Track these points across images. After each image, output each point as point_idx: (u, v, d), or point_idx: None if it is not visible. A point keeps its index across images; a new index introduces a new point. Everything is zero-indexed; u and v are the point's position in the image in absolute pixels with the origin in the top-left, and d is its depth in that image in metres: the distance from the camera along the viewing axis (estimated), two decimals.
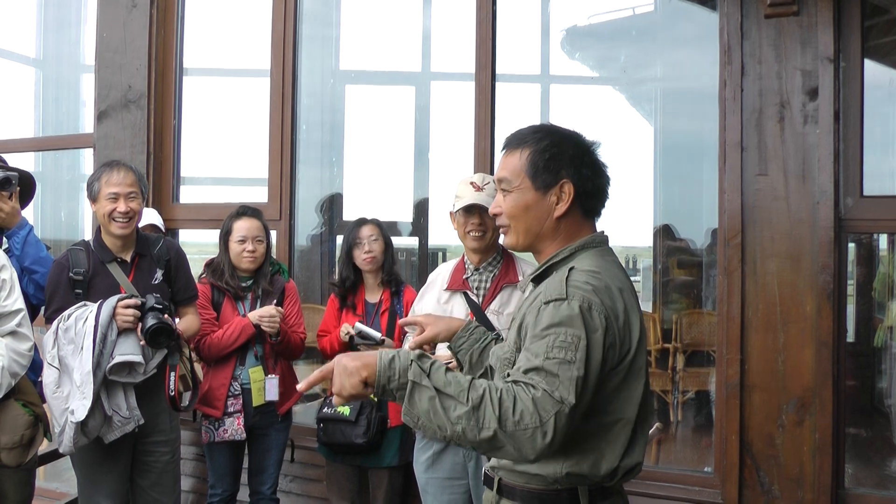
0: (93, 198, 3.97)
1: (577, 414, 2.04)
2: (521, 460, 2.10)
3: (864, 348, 6.26)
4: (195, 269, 4.36)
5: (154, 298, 3.81)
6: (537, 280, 2.36)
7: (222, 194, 6.36)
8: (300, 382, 2.16)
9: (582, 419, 2.11)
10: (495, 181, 2.43)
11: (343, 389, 2.07)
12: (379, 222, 4.60)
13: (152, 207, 5.38)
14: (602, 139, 2.39)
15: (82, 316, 3.73)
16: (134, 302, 3.76)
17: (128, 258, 4.02)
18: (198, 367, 4.21)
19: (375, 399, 4.28)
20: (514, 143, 2.36)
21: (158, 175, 5.64)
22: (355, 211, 6.45)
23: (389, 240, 4.62)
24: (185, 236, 5.78)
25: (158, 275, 4.04)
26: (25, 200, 4.30)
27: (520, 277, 3.83)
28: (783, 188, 4.03)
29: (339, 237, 6.87)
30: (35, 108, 8.44)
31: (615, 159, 2.43)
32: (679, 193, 7.92)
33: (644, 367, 2.24)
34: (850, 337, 5.29)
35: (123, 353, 3.71)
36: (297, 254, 5.73)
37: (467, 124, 4.99)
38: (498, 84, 4.93)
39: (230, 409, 4.41)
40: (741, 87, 4.12)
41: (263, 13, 5.49)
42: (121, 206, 3.89)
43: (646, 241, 7.85)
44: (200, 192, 6.11)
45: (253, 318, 4.38)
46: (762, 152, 4.08)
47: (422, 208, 6.99)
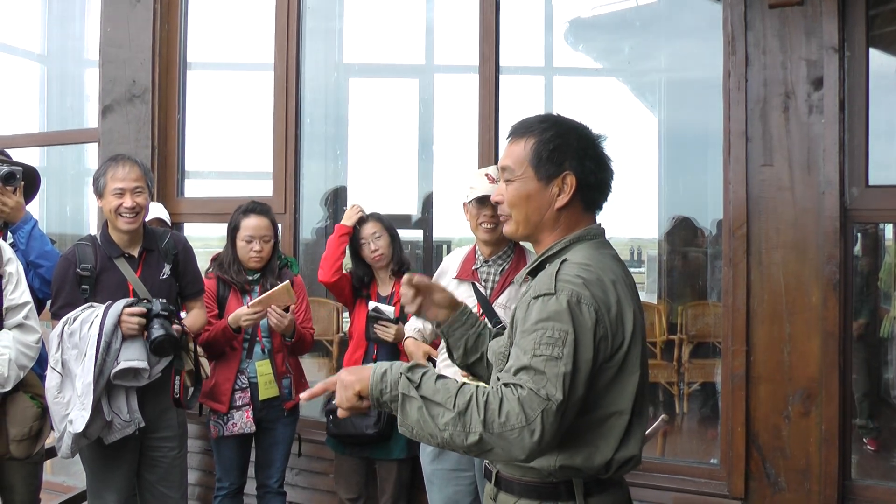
0: (99, 193, 3.96)
1: (570, 410, 2.05)
2: (514, 461, 2.11)
3: (872, 339, 6.25)
4: (200, 264, 4.35)
5: (160, 304, 3.79)
6: (534, 273, 2.36)
7: (227, 188, 6.37)
8: (304, 392, 2.24)
9: (576, 413, 2.11)
10: (498, 169, 2.43)
11: (342, 402, 2.14)
12: (380, 216, 4.58)
13: (157, 201, 5.38)
14: (606, 131, 2.37)
15: (88, 320, 3.71)
16: (139, 310, 3.74)
17: (135, 253, 4.00)
18: (204, 361, 4.22)
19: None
20: (519, 131, 2.36)
21: (163, 169, 5.65)
22: (360, 204, 6.46)
23: (395, 232, 4.62)
24: (189, 230, 5.78)
25: (166, 269, 4.04)
26: (30, 195, 4.30)
27: None
28: (788, 178, 4.02)
29: None
30: (40, 104, 8.45)
31: (619, 151, 2.43)
32: (683, 184, 7.91)
33: (640, 360, 2.23)
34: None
35: (129, 358, 3.70)
36: (301, 247, 5.73)
37: (471, 117, 4.99)
38: (501, 76, 4.92)
39: (238, 402, 4.41)
40: (745, 77, 4.11)
41: (267, 7, 5.48)
42: (127, 202, 3.88)
43: (650, 232, 7.84)
44: (205, 185, 6.12)
45: (232, 320, 4.33)
46: (767, 143, 4.06)
47: (426, 201, 6.99)
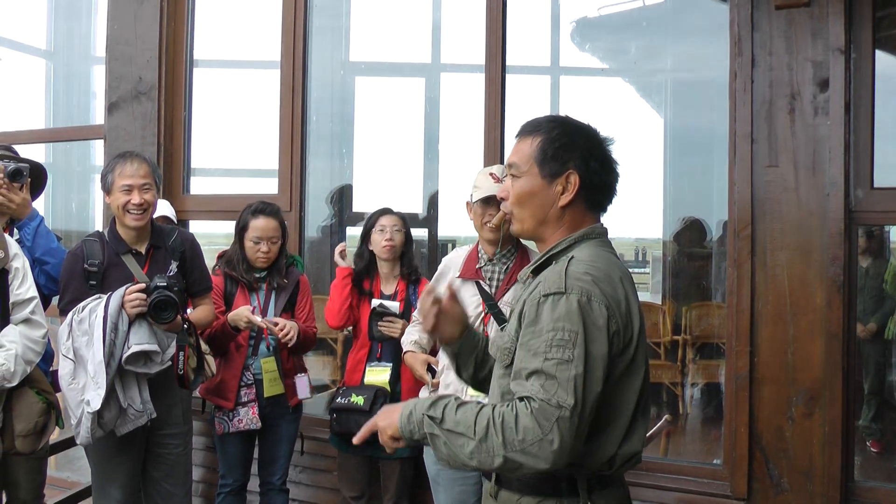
0: (107, 190, 3.97)
1: (587, 410, 2.06)
2: (544, 471, 2.10)
3: (875, 341, 6.25)
4: (207, 261, 4.36)
5: (160, 278, 3.80)
6: (537, 271, 2.36)
7: (232, 186, 6.38)
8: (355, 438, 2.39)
9: (595, 409, 2.12)
10: (505, 166, 2.44)
11: (385, 446, 2.29)
12: (404, 216, 4.60)
13: (163, 199, 5.39)
14: (612, 131, 2.39)
15: (95, 308, 3.74)
16: (139, 286, 3.76)
17: (142, 250, 4.02)
18: (210, 359, 4.23)
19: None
20: (527, 130, 2.38)
21: (169, 166, 5.65)
22: (365, 202, 6.47)
23: (411, 235, 4.63)
24: (194, 228, 5.78)
25: (173, 266, 4.04)
26: (36, 192, 4.31)
27: None
28: (793, 180, 4.02)
29: (349, 228, 6.89)
30: (46, 100, 8.48)
31: (625, 151, 2.44)
32: (689, 185, 7.91)
33: (643, 357, 2.25)
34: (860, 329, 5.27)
35: (139, 342, 3.72)
36: (307, 245, 5.73)
37: (477, 116, 4.99)
38: (508, 76, 4.92)
39: (243, 398, 4.42)
40: (751, 78, 4.10)
41: (273, 5, 5.48)
42: (135, 198, 3.89)
43: (655, 232, 7.85)
44: (211, 183, 6.12)
45: (231, 319, 4.34)
46: (772, 144, 4.06)
47: (432, 199, 7.00)
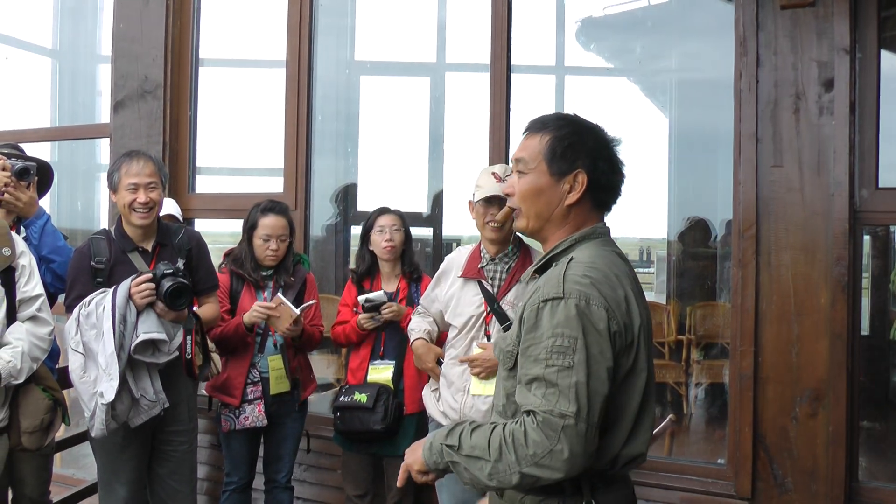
0: (113, 188, 3.99)
1: (592, 416, 2.07)
2: (563, 480, 2.12)
3: (879, 341, 6.24)
4: (213, 259, 4.37)
5: (164, 266, 3.82)
6: (540, 271, 2.37)
7: (238, 184, 6.39)
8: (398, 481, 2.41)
9: (606, 409, 2.13)
10: (512, 160, 2.44)
11: (418, 481, 2.36)
12: (402, 214, 4.61)
13: (169, 197, 5.40)
14: (617, 131, 2.40)
15: (101, 302, 3.75)
16: (146, 276, 3.77)
17: (149, 248, 4.03)
18: (216, 356, 4.23)
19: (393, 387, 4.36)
20: (536, 126, 2.38)
21: (174, 165, 5.67)
22: (370, 201, 6.48)
23: (410, 232, 4.65)
24: (200, 226, 5.79)
25: (179, 264, 4.05)
26: (43, 190, 4.32)
27: None
28: (798, 180, 4.02)
29: (353, 227, 6.90)
30: (52, 99, 8.49)
31: (630, 151, 2.45)
32: (693, 185, 7.91)
33: (647, 357, 2.25)
34: (864, 330, 5.27)
35: (147, 331, 3.73)
36: (311, 244, 5.74)
37: (482, 115, 4.99)
38: (513, 75, 4.92)
39: (250, 396, 4.43)
40: (756, 78, 4.11)
41: (279, 4, 5.49)
42: (140, 197, 3.90)
43: (660, 232, 7.84)
44: (216, 182, 6.14)
45: (247, 318, 4.36)
46: (777, 144, 4.06)
47: (436, 199, 7.00)
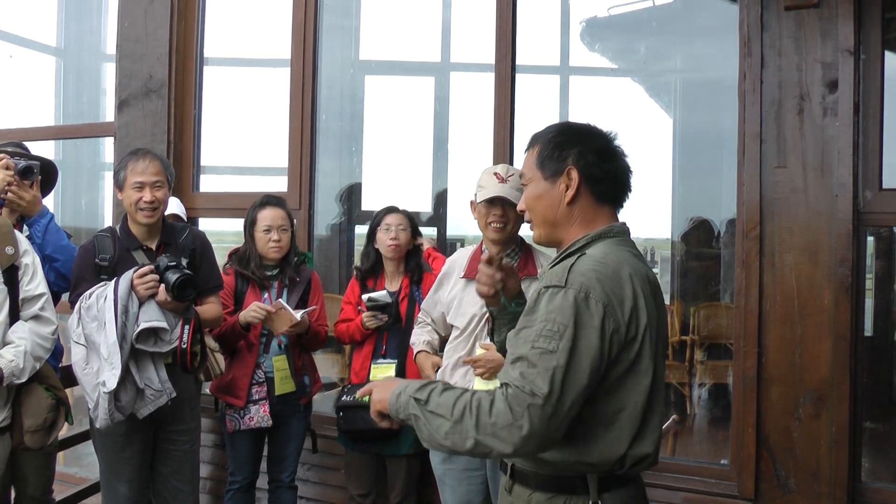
0: (119, 186, 4.00)
1: (564, 402, 2.09)
2: (511, 456, 2.19)
3: (883, 342, 6.23)
4: (217, 259, 4.37)
5: (166, 258, 3.83)
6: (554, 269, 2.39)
7: (242, 183, 6.39)
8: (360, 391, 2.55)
9: (585, 408, 2.17)
10: (520, 179, 2.54)
11: (373, 417, 2.46)
12: (409, 213, 4.62)
13: (173, 196, 5.40)
14: (621, 131, 2.44)
15: (102, 294, 3.77)
16: (148, 268, 3.79)
17: (153, 246, 4.04)
18: (219, 356, 4.24)
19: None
20: (531, 141, 2.48)
21: (178, 164, 5.66)
22: (375, 201, 6.48)
23: (417, 232, 4.67)
24: (204, 225, 5.80)
25: (183, 264, 4.06)
26: (47, 189, 4.33)
27: (538, 270, 3.83)
28: (802, 181, 4.02)
29: (358, 227, 6.90)
30: (56, 97, 8.49)
31: (634, 151, 2.47)
32: (697, 186, 7.90)
33: (654, 356, 2.26)
34: (868, 331, 5.26)
35: (148, 319, 3.75)
36: (316, 243, 5.74)
37: (486, 115, 4.99)
38: (517, 75, 4.92)
39: (255, 396, 4.43)
40: (761, 79, 4.10)
41: (284, 3, 5.49)
42: (146, 196, 3.91)
43: (664, 233, 7.84)
44: (220, 181, 6.14)
45: (243, 317, 4.36)
46: (781, 145, 4.06)
47: (440, 198, 7.00)
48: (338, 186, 6.80)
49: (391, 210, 4.59)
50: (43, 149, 5.62)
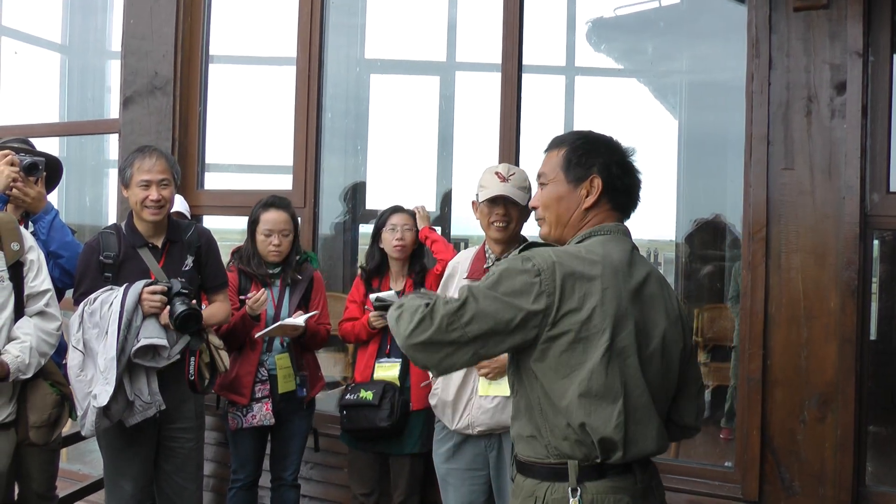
0: (125, 183, 3.99)
1: (459, 313, 2.29)
2: (401, 343, 2.37)
3: (887, 346, 6.21)
4: (222, 257, 4.37)
5: (180, 283, 3.84)
6: None
7: (247, 181, 6.39)
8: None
9: (538, 384, 2.38)
10: (536, 177, 2.65)
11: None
12: (414, 214, 4.61)
13: (177, 194, 5.40)
14: (626, 132, 2.59)
15: (108, 300, 3.76)
16: (161, 288, 3.79)
17: (159, 244, 4.04)
18: (224, 354, 4.24)
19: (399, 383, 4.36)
20: (554, 144, 2.62)
21: (183, 161, 5.65)
22: (379, 200, 6.47)
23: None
24: (208, 223, 5.79)
25: (189, 261, 4.06)
26: (52, 185, 4.33)
27: None
28: (809, 183, 4.01)
29: (362, 226, 6.89)
30: (60, 94, 8.50)
31: (639, 152, 2.60)
32: (702, 187, 7.88)
33: (632, 344, 2.36)
34: (873, 334, 5.25)
35: (148, 336, 3.75)
36: (320, 241, 5.74)
37: (491, 115, 4.98)
38: (523, 75, 4.91)
39: (258, 394, 4.44)
40: (768, 80, 4.09)
41: (290, 1, 5.49)
42: (152, 194, 3.91)
43: (668, 234, 7.82)
44: (225, 178, 6.14)
45: (250, 309, 4.37)
46: (788, 146, 4.05)
47: (445, 198, 6.99)
48: (342, 185, 6.79)
49: (396, 210, 4.58)
50: (47, 146, 5.62)
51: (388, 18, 6.88)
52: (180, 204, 5.20)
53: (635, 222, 2.57)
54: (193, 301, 3.91)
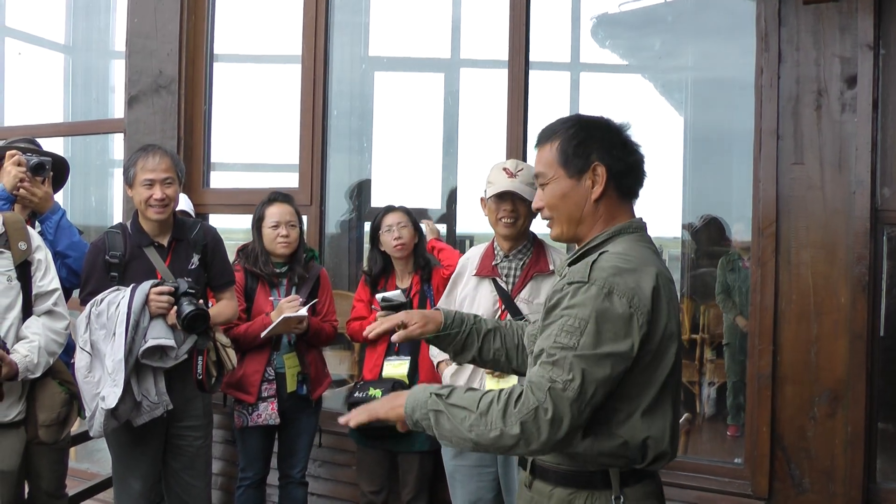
0: (129, 183, 3.99)
1: (585, 392, 2.09)
2: (537, 451, 2.18)
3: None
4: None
5: (186, 283, 3.83)
6: (573, 265, 2.37)
7: (252, 180, 6.39)
8: (343, 417, 2.46)
9: (606, 400, 2.17)
10: (535, 177, 2.48)
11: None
12: (407, 209, 4.61)
13: (183, 193, 5.39)
14: (631, 128, 2.43)
15: (115, 301, 3.76)
16: (168, 288, 3.78)
17: (165, 243, 4.03)
18: (231, 352, 4.24)
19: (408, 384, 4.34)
20: (544, 137, 2.43)
21: (188, 160, 5.64)
22: (384, 197, 6.45)
23: (419, 226, 4.64)
24: (214, 222, 5.79)
25: (195, 260, 4.05)
26: (58, 185, 4.33)
27: (550, 266, 3.83)
28: (819, 177, 3.99)
29: (367, 224, 6.88)
30: (64, 94, 8.50)
31: (644, 149, 2.46)
32: (708, 184, 7.87)
33: (671, 354, 2.25)
34: (883, 331, 5.23)
35: (156, 336, 3.74)
36: (326, 239, 5.73)
37: (496, 112, 4.98)
38: (529, 71, 4.90)
39: (264, 393, 4.44)
40: (778, 74, 4.07)
41: (294, 0, 5.48)
42: (157, 193, 3.90)
43: (674, 231, 7.81)
44: (230, 177, 6.13)
45: (275, 317, 4.38)
46: (798, 141, 4.03)
47: (450, 195, 6.98)
48: (348, 183, 6.78)
49: (389, 210, 4.58)
50: (52, 146, 5.61)
51: (392, 16, 6.87)
52: (185, 202, 5.17)
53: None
54: (200, 300, 3.90)
